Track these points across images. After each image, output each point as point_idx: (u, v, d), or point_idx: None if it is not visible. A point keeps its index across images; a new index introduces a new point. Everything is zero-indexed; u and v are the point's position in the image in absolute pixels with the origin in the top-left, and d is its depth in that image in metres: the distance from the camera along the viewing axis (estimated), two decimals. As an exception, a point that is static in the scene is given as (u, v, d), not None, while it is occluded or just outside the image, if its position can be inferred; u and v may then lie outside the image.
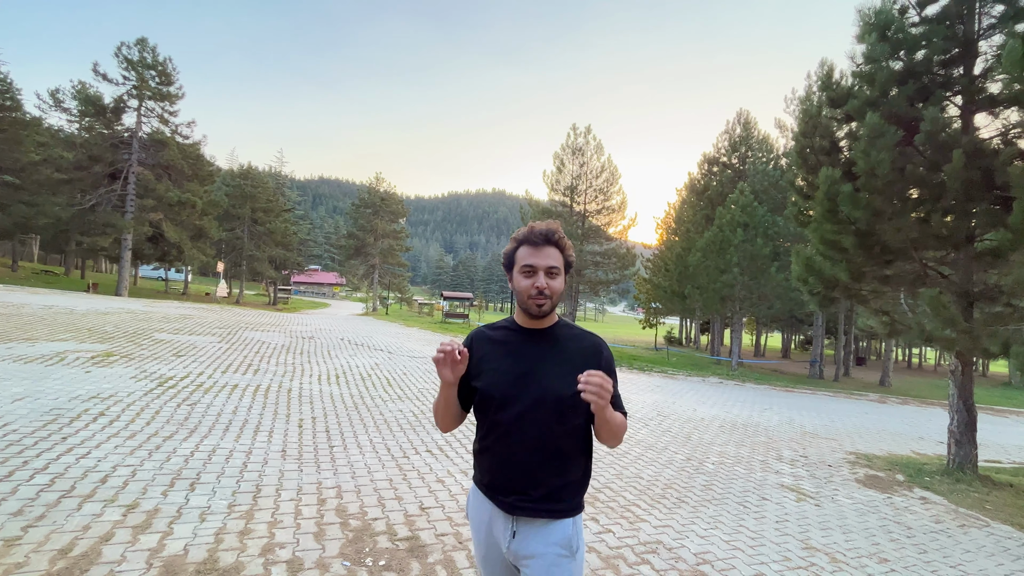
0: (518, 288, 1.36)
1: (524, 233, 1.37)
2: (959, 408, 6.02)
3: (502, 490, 1.35)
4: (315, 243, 77.04)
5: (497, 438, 1.35)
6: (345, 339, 13.74)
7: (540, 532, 1.33)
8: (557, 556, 1.32)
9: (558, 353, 1.38)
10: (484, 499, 1.41)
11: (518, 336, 1.41)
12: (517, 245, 1.38)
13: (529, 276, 1.34)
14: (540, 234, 1.35)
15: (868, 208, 5.32)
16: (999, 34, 5.83)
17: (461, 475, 4.18)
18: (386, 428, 5.39)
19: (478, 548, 1.45)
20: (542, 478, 1.33)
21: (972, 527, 4.39)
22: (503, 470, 1.35)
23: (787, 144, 20.53)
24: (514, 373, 1.35)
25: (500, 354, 1.39)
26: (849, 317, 19.22)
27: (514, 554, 1.35)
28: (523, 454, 1.32)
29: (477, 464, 1.45)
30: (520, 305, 1.39)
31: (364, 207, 40.41)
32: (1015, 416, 13.57)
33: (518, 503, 1.33)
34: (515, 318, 1.45)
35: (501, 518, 1.36)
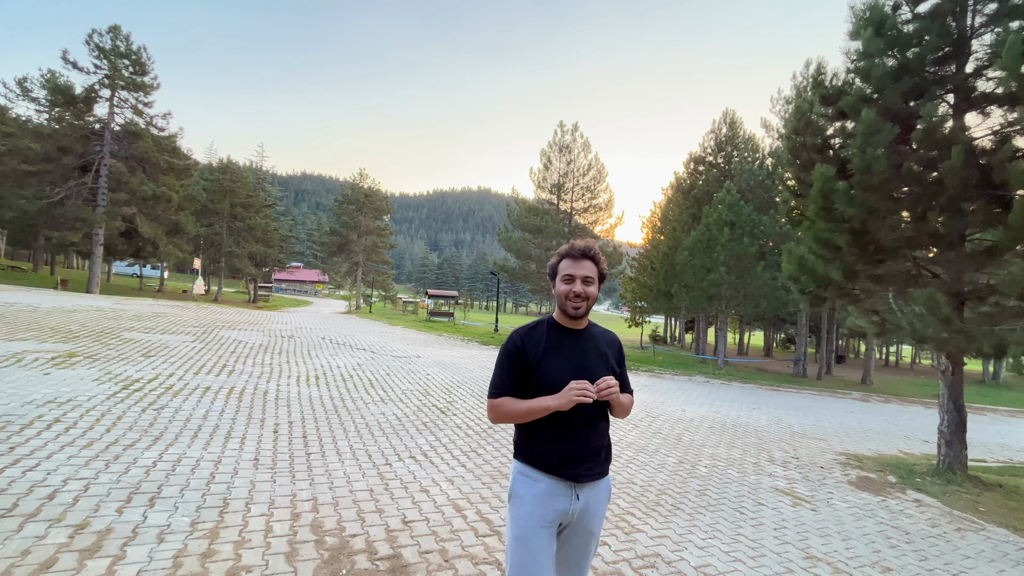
0: (558, 292, 1.70)
1: (566, 248, 1.72)
2: (949, 408, 5.98)
3: (567, 463, 1.63)
4: (297, 240, 75.78)
5: (559, 420, 1.63)
6: (327, 338, 13.37)
7: (596, 489, 1.69)
8: (604, 503, 1.73)
9: (594, 348, 1.74)
10: (540, 475, 1.65)
11: (565, 335, 1.72)
12: (560, 259, 1.73)
13: (568, 283, 1.67)
14: (579, 249, 1.70)
15: (863, 206, 5.23)
16: (990, 32, 5.81)
17: (447, 483, 3.96)
18: (367, 433, 5.13)
19: (527, 522, 1.63)
20: (595, 448, 1.68)
21: (968, 531, 4.32)
22: (568, 446, 1.64)
23: (773, 144, 20.66)
24: (569, 365, 1.66)
25: (555, 351, 1.68)
26: (831, 316, 19.45)
27: (577, 512, 1.65)
28: (582, 431, 1.65)
29: (535, 447, 1.67)
30: (560, 307, 1.71)
31: (347, 203, 39.77)
32: (992, 414, 13.82)
33: (584, 472, 1.64)
34: (556, 319, 1.76)
35: (564, 487, 1.64)
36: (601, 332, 1.82)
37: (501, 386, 1.68)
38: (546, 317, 1.79)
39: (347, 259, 39.71)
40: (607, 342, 1.80)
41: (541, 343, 1.69)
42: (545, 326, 1.74)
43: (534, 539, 1.61)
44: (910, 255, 5.40)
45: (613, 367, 1.75)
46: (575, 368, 1.65)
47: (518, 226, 21.24)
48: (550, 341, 1.69)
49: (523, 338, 1.72)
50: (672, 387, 12.11)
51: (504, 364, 1.70)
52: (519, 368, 1.67)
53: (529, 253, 20.97)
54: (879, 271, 5.89)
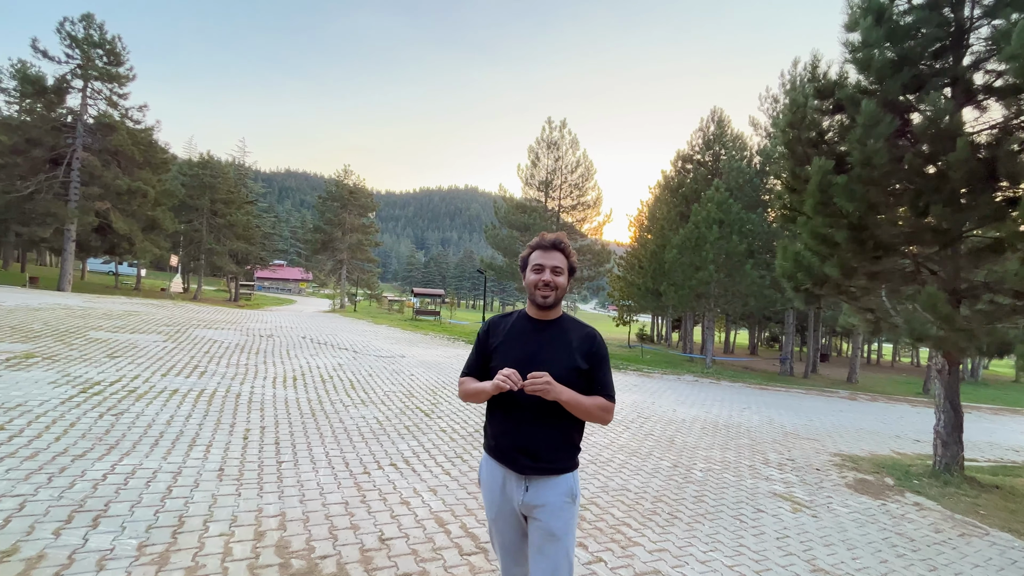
0: (527, 282, 1.70)
1: (536, 240, 1.72)
2: (946, 408, 5.87)
3: (512, 453, 1.64)
4: (281, 237, 74.54)
5: (507, 409, 1.65)
6: (307, 337, 12.94)
7: (548, 484, 1.63)
8: (563, 503, 1.63)
9: (560, 339, 1.68)
10: (496, 464, 1.70)
11: (530, 325, 1.73)
12: (531, 250, 1.72)
13: (537, 273, 1.67)
14: (549, 241, 1.69)
15: (862, 200, 5.06)
16: (987, 26, 5.70)
17: (429, 494, 3.67)
18: (345, 438, 4.81)
19: (491, 508, 1.72)
20: (545, 442, 1.63)
21: (972, 536, 4.17)
22: (512, 436, 1.64)
23: (761, 142, 20.67)
24: (523, 354, 1.65)
25: (512, 339, 1.70)
26: (818, 315, 19.54)
27: (527, 505, 1.63)
28: (530, 422, 1.62)
29: (489, 432, 1.73)
30: (530, 297, 1.70)
31: (331, 200, 39.07)
32: (976, 411, 13.93)
33: (528, 464, 1.62)
34: (527, 310, 1.76)
35: (514, 478, 1.65)
36: (576, 325, 1.74)
37: (468, 367, 1.81)
38: (521, 310, 1.82)
39: (331, 257, 39.02)
40: (580, 336, 1.70)
41: (505, 330, 1.73)
42: (516, 315, 1.78)
43: (499, 523, 1.71)
44: (909, 251, 5.25)
45: (577, 363, 1.65)
46: (525, 358, 1.63)
47: (505, 223, 20.95)
48: (514, 329, 1.73)
49: (491, 324, 1.80)
50: (662, 387, 11.95)
51: (475, 346, 1.82)
52: (483, 352, 1.76)
53: (516, 251, 20.68)
54: (876, 268, 5.74)
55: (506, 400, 1.63)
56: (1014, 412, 15.20)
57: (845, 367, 25.37)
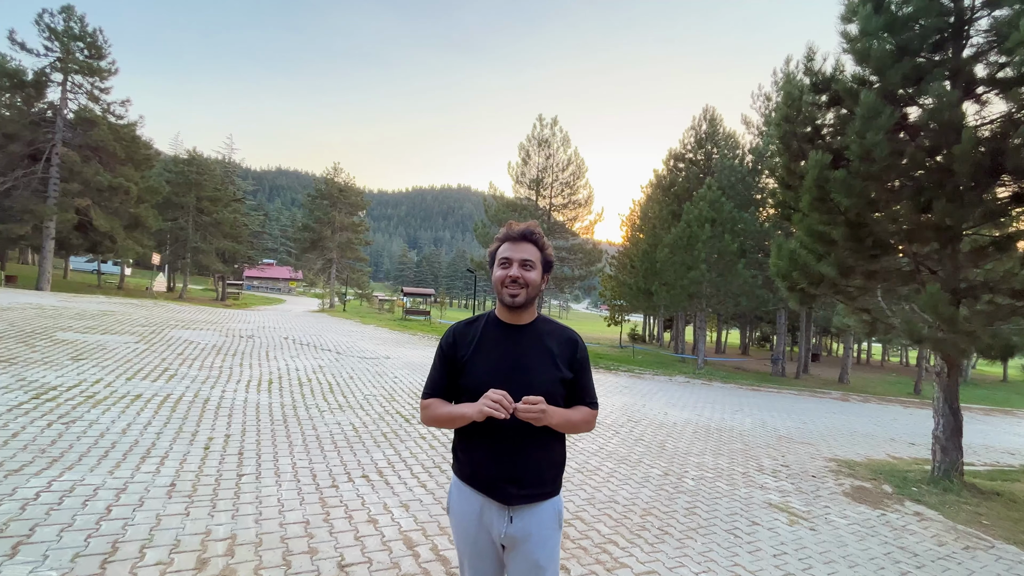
0: (494, 279, 1.45)
1: (504, 231, 1.48)
2: (945, 412, 5.68)
3: (495, 482, 1.42)
4: (270, 236, 73.69)
5: (487, 431, 1.40)
6: (290, 338, 12.58)
7: (535, 513, 1.44)
8: (550, 530, 1.47)
9: (539, 347, 1.46)
10: (472, 492, 1.46)
11: (501, 331, 1.48)
12: (498, 243, 1.49)
13: (504, 267, 1.43)
14: (518, 232, 1.45)
15: (861, 196, 4.84)
16: (987, 17, 5.51)
17: (400, 510, 3.39)
18: (316, 447, 4.51)
19: (464, 541, 1.50)
20: (532, 466, 1.43)
21: (977, 549, 3.96)
22: (495, 462, 1.41)
23: (753, 141, 20.54)
24: (502, 367, 1.42)
25: (486, 349, 1.45)
26: (809, 315, 19.45)
27: (510, 537, 1.43)
28: (514, 445, 1.41)
29: (464, 459, 1.49)
30: (497, 296, 1.46)
31: (321, 198, 38.56)
32: (967, 412, 13.84)
33: (515, 492, 1.41)
34: (496, 313, 1.51)
35: (495, 507, 1.44)
36: (554, 329, 1.54)
37: (431, 387, 1.52)
38: (488, 312, 1.56)
39: (321, 256, 38.50)
40: (560, 340, 1.51)
41: (474, 339, 1.48)
42: (484, 320, 1.53)
43: (475, 559, 1.50)
44: (908, 250, 5.04)
45: (562, 372, 1.46)
46: (506, 370, 1.42)
47: (495, 222, 20.64)
48: (484, 337, 1.48)
49: (456, 334, 1.52)
50: (653, 388, 11.73)
51: (437, 362, 1.53)
52: (449, 367, 1.50)
53: (507, 250, 20.45)
54: (874, 267, 5.53)
55: (487, 423, 1.40)
56: (1005, 412, 15.18)
57: (836, 367, 25.37)
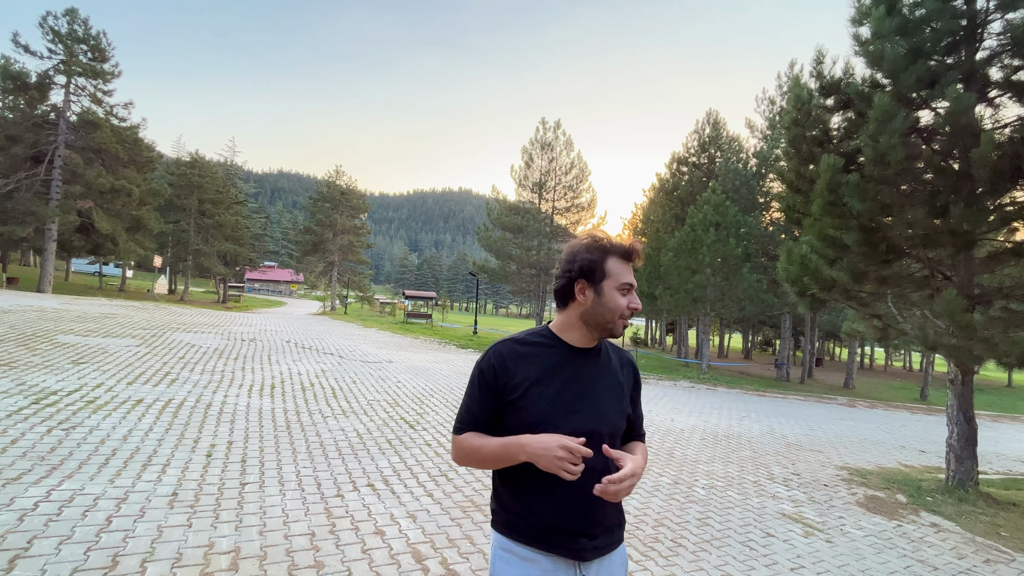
0: (612, 306, 1.20)
1: (618, 245, 1.22)
2: (959, 420, 5.58)
3: (566, 535, 1.16)
4: (271, 238, 73.78)
5: (558, 481, 1.12)
6: (292, 341, 12.50)
7: (607, 563, 1.23)
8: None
9: (605, 372, 1.27)
10: (531, 553, 1.17)
11: (566, 355, 1.23)
12: (604, 254, 1.21)
13: (626, 294, 1.21)
14: (634, 250, 1.22)
15: (875, 200, 4.76)
16: (1000, 20, 5.44)
17: (408, 521, 3.30)
18: (320, 454, 4.43)
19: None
20: (606, 510, 1.20)
21: (999, 563, 3.86)
22: (564, 510, 1.16)
23: (757, 145, 20.49)
24: (566, 397, 1.20)
25: (547, 375, 1.20)
26: (814, 319, 19.35)
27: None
28: (587, 493, 1.12)
29: (517, 510, 1.19)
30: (602, 322, 1.21)
31: (323, 201, 38.59)
32: (976, 419, 13.72)
33: (589, 545, 1.18)
34: (556, 332, 1.25)
35: (561, 567, 1.18)
36: (614, 350, 1.33)
37: (468, 418, 1.22)
38: (542, 329, 1.28)
39: (322, 258, 38.49)
40: (622, 365, 1.32)
41: (534, 365, 1.20)
42: (540, 340, 1.24)
43: None
44: (923, 254, 4.96)
45: (624, 406, 1.28)
46: (572, 401, 1.18)
47: (498, 225, 20.59)
48: (547, 363, 1.21)
49: (506, 357, 1.21)
50: (658, 393, 11.63)
51: (476, 390, 1.22)
52: (495, 398, 1.20)
53: (510, 253, 20.33)
54: (887, 272, 5.45)
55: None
56: (1013, 419, 15.05)
57: (840, 371, 25.22)
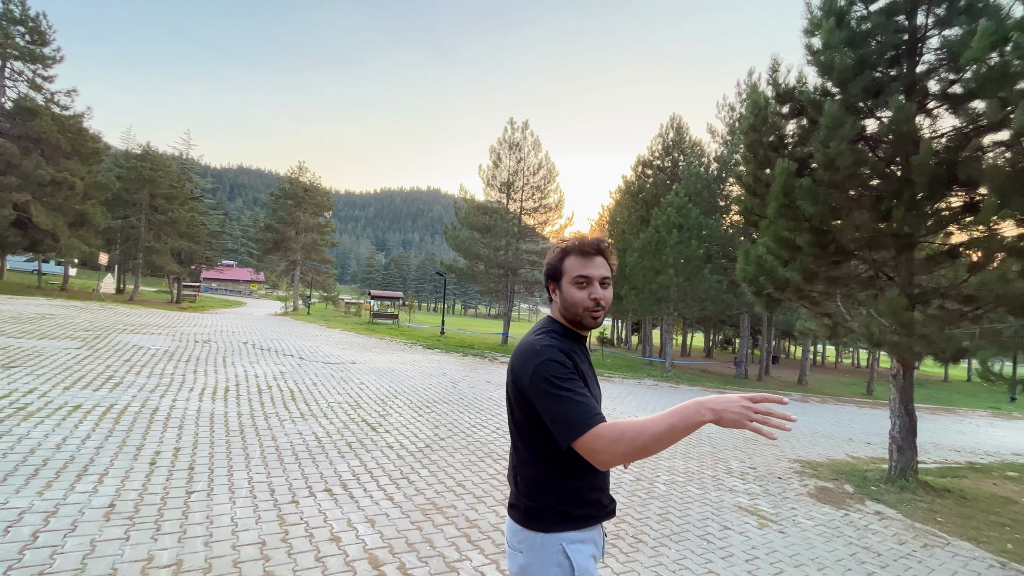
0: (572, 300, 1.29)
1: (572, 243, 1.33)
2: (901, 413, 5.90)
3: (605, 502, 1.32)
4: (230, 236, 71.06)
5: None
6: (250, 342, 12.04)
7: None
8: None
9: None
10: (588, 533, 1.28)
11: (580, 347, 1.34)
12: (563, 254, 1.33)
13: (583, 287, 1.29)
14: (591, 244, 1.31)
15: (825, 203, 4.97)
16: (938, 37, 5.79)
17: (365, 526, 3.20)
18: (276, 459, 4.26)
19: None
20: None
21: (935, 547, 4.08)
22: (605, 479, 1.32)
23: (718, 149, 21.16)
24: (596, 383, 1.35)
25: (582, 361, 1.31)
26: (771, 318, 20.13)
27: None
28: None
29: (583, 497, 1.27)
30: (571, 318, 1.32)
31: (285, 198, 37.40)
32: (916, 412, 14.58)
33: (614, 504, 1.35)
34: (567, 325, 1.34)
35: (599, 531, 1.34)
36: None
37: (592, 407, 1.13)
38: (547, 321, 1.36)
39: (284, 257, 37.31)
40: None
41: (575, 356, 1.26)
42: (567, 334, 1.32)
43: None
44: (869, 256, 5.21)
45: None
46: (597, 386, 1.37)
47: (466, 224, 20.48)
48: (578, 354, 1.29)
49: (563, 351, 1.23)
50: (623, 392, 11.82)
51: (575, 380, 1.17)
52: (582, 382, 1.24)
53: (477, 253, 20.25)
54: (836, 272, 5.70)
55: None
56: (949, 411, 16.07)
57: (795, 368, 26.33)
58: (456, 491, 4.05)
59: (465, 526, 3.40)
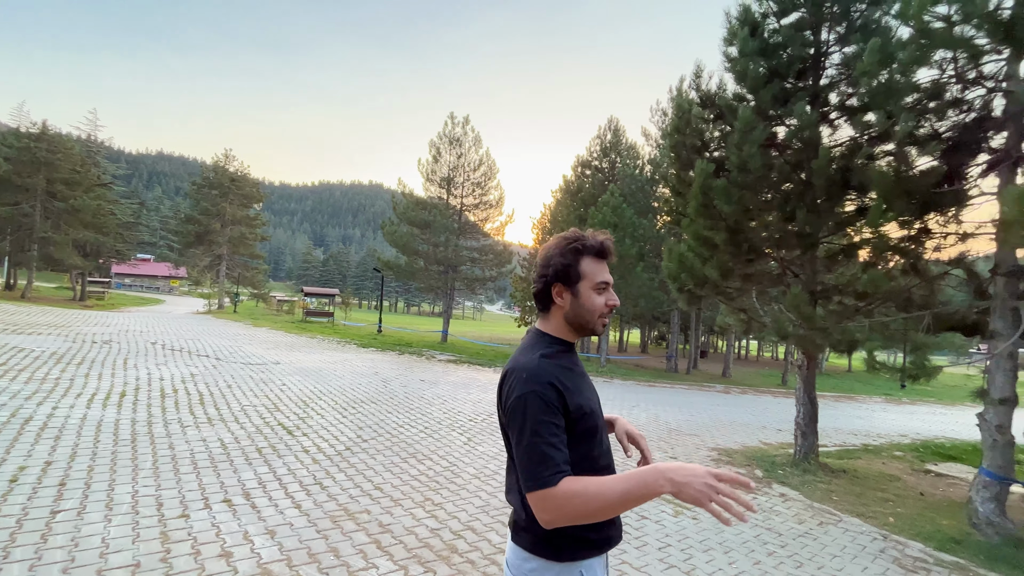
0: (590, 306, 1.19)
1: (588, 243, 1.20)
2: (804, 401, 6.34)
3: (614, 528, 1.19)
4: (147, 228, 65.51)
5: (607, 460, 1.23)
6: (160, 343, 11.06)
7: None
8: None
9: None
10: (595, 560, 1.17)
11: (574, 357, 1.24)
12: (578, 255, 1.19)
13: (602, 293, 1.20)
14: (608, 246, 1.21)
15: (739, 204, 5.22)
16: (839, 53, 6.26)
17: (264, 538, 2.97)
18: (170, 470, 3.88)
19: None
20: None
21: (829, 524, 4.40)
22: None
23: (652, 152, 22.00)
24: (594, 397, 1.24)
25: (580, 379, 1.20)
26: (699, 315, 21.22)
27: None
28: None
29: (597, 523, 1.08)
30: (582, 324, 1.21)
31: (209, 187, 34.89)
32: (821, 400, 15.89)
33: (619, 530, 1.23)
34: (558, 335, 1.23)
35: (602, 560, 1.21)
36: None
37: (560, 459, 1.02)
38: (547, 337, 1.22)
39: (208, 251, 34.82)
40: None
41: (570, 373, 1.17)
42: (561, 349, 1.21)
43: None
44: (778, 254, 5.55)
45: None
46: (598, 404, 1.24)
47: (405, 220, 19.97)
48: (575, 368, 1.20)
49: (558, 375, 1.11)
50: (558, 387, 11.96)
51: (551, 422, 1.05)
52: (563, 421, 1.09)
53: (416, 249, 19.83)
54: (749, 270, 6.02)
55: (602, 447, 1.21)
56: (849, 398, 17.66)
57: (721, 362, 27.98)
58: (373, 495, 3.87)
59: (377, 531, 3.24)
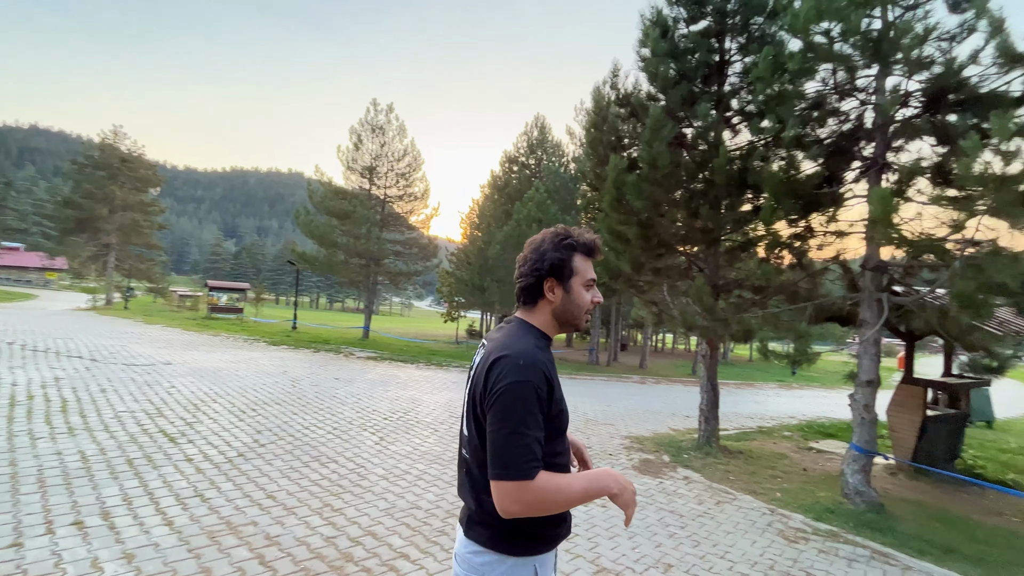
0: (580, 302, 1.24)
1: (579, 240, 1.24)
2: (707, 388, 6.73)
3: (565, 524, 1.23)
4: (15, 212, 57.08)
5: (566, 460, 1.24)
6: (20, 343, 9.55)
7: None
8: None
9: None
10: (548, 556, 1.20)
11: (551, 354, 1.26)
12: (571, 251, 1.23)
13: (590, 290, 1.26)
14: (596, 245, 1.26)
15: (649, 199, 5.40)
16: (740, 62, 6.69)
17: (118, 563, 2.57)
18: (7, 491, 3.28)
19: None
20: None
21: (725, 503, 4.68)
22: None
23: (576, 151, 22.56)
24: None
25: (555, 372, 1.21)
26: (619, 309, 22.14)
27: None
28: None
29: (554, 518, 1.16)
30: (569, 319, 1.25)
31: (94, 168, 30.89)
32: (724, 388, 17.21)
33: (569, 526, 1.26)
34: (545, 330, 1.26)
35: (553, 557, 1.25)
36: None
37: (538, 452, 1.06)
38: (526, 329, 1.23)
39: (93, 239, 30.84)
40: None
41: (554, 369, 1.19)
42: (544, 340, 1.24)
43: None
44: (684, 249, 5.81)
45: None
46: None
47: (322, 209, 18.85)
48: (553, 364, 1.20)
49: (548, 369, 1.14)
50: (481, 382, 11.89)
51: (534, 414, 1.08)
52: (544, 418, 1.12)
53: (335, 241, 18.80)
54: (660, 264, 6.27)
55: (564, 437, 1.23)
56: (749, 385, 19.29)
57: (639, 355, 29.47)
58: (263, 504, 3.53)
59: (261, 545, 2.94)
